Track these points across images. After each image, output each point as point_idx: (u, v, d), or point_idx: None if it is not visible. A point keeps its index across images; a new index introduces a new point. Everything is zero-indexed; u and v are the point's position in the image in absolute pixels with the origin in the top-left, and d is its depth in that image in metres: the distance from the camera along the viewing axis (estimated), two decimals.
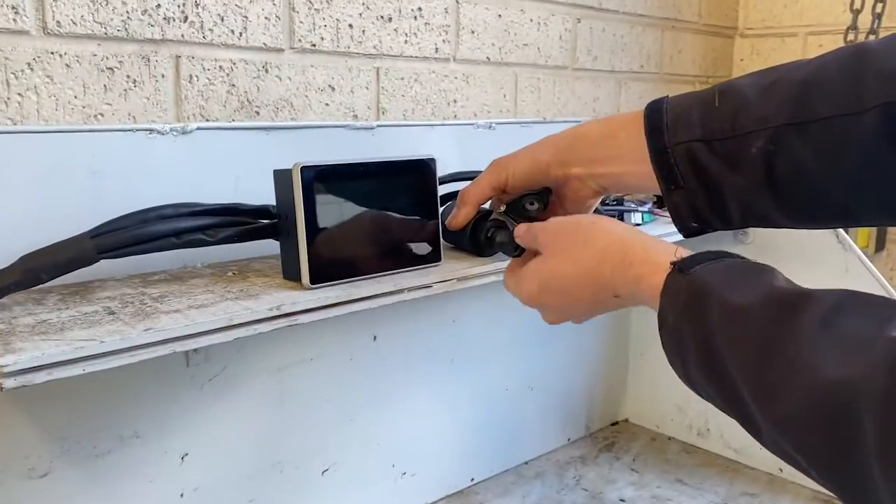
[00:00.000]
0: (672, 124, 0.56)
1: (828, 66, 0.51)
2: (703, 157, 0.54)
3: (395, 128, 0.91)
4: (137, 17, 0.78)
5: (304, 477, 0.90)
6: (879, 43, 0.49)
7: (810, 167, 0.51)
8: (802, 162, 0.51)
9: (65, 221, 0.63)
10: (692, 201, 0.57)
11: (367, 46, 0.98)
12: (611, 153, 0.61)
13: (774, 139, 0.51)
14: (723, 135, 0.54)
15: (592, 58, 1.32)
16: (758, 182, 0.53)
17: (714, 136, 0.54)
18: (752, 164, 0.53)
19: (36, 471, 0.70)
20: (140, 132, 0.72)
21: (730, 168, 0.54)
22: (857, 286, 1.05)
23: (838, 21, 1.49)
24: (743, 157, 0.53)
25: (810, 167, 0.51)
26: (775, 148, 0.51)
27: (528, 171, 0.67)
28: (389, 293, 0.65)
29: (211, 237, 0.64)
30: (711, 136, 0.54)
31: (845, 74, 0.49)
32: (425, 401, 1.01)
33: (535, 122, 1.08)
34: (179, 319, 0.54)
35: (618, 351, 1.30)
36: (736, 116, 0.53)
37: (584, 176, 0.64)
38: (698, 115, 0.55)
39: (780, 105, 0.51)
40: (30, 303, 0.59)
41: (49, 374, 0.48)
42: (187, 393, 0.78)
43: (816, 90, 0.50)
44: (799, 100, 0.51)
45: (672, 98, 0.58)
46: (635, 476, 1.14)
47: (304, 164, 0.62)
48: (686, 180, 0.56)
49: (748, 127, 0.53)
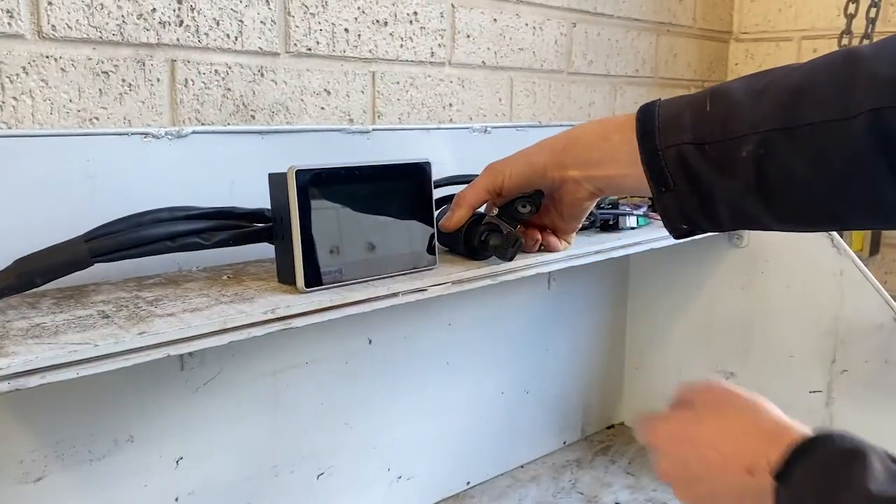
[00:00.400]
0: (663, 127, 0.56)
1: (818, 72, 0.51)
2: (693, 160, 0.55)
3: (390, 132, 0.91)
4: (133, 21, 0.78)
5: (300, 481, 0.89)
6: (870, 48, 0.49)
7: (799, 171, 0.51)
8: (792, 166, 0.51)
9: (60, 225, 0.62)
10: (682, 204, 0.57)
11: (362, 50, 0.98)
12: (605, 155, 0.62)
13: (764, 143, 0.52)
14: (713, 138, 0.54)
15: (588, 62, 1.33)
16: (748, 185, 0.53)
17: (705, 139, 0.54)
18: (742, 168, 0.53)
19: (30, 475, 0.69)
20: (135, 136, 0.72)
21: (720, 171, 0.54)
22: (851, 290, 1.06)
23: (832, 25, 1.50)
24: (733, 160, 0.53)
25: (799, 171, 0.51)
26: (765, 152, 0.52)
27: (525, 175, 0.68)
28: (384, 297, 0.65)
29: (206, 241, 0.64)
30: (702, 139, 0.54)
31: (835, 80, 0.49)
32: (421, 404, 1.01)
33: (530, 126, 1.08)
34: (174, 323, 0.54)
35: (613, 354, 1.30)
36: (727, 120, 0.54)
37: (579, 178, 0.64)
38: (690, 118, 0.55)
39: (771, 110, 0.52)
40: (24, 306, 0.59)
41: (42, 377, 0.48)
42: (182, 397, 0.78)
43: (806, 95, 0.50)
44: (789, 104, 0.51)
45: (664, 101, 0.58)
46: (631, 479, 1.14)
47: (299, 168, 0.62)
48: (676, 183, 0.56)
49: (739, 131, 0.53)
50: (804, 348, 1.08)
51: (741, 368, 1.16)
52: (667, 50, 1.51)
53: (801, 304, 1.08)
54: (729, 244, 1.14)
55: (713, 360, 1.19)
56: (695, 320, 1.21)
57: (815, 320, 1.06)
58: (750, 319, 1.14)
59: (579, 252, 0.80)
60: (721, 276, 1.16)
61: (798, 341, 1.09)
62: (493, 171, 0.70)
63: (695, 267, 1.19)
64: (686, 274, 1.20)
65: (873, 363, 1.02)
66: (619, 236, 0.88)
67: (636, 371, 1.30)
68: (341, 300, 0.63)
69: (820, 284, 1.05)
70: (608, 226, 0.91)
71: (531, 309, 1.13)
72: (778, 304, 1.10)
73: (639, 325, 1.28)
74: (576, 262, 0.80)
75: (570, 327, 1.20)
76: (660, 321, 1.25)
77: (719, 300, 1.17)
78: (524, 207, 0.70)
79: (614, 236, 0.88)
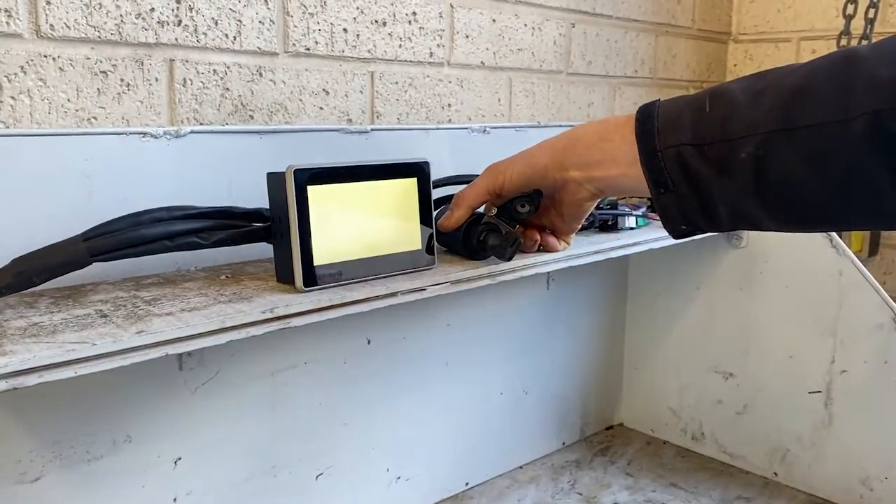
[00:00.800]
0: (662, 127, 0.56)
1: (817, 73, 0.51)
2: (692, 161, 0.55)
3: (389, 132, 0.91)
4: (131, 20, 0.78)
5: (298, 481, 0.89)
6: (870, 49, 0.49)
7: (798, 173, 0.51)
8: (791, 168, 0.51)
9: (57, 224, 0.62)
10: (681, 204, 0.57)
11: (361, 50, 0.98)
12: (606, 156, 0.62)
13: (764, 145, 0.52)
14: (713, 139, 0.54)
15: (587, 62, 1.33)
16: (747, 186, 0.53)
17: (704, 140, 0.54)
18: (741, 169, 0.53)
19: (28, 475, 0.69)
20: (133, 136, 0.71)
21: (719, 172, 0.54)
22: (850, 291, 1.06)
23: (831, 26, 1.50)
24: (732, 161, 0.53)
25: (798, 173, 0.51)
26: (765, 153, 0.52)
27: (525, 175, 0.68)
28: (383, 296, 0.65)
29: (204, 240, 0.64)
30: (702, 140, 0.54)
31: (834, 81, 0.49)
32: (419, 405, 1.01)
33: (529, 126, 1.08)
34: (172, 322, 0.54)
35: (612, 355, 1.30)
36: (726, 121, 0.54)
37: (580, 179, 0.64)
38: (689, 118, 0.55)
39: (770, 111, 0.52)
40: (21, 306, 0.59)
41: (40, 376, 0.47)
42: (180, 397, 0.78)
43: (805, 96, 0.50)
44: (788, 106, 0.51)
45: (664, 101, 0.58)
46: (630, 480, 1.14)
47: (297, 167, 0.61)
48: (675, 183, 0.56)
49: (738, 132, 0.53)
50: (803, 349, 1.08)
51: (740, 369, 1.16)
52: (665, 51, 1.51)
53: (801, 304, 1.08)
54: (728, 245, 1.14)
55: (712, 360, 1.19)
56: (694, 321, 1.20)
57: (814, 321, 1.06)
58: (749, 320, 1.14)
59: (578, 252, 0.80)
60: (720, 277, 1.16)
61: (797, 342, 1.09)
62: (493, 171, 0.70)
63: (694, 267, 1.18)
64: (685, 274, 1.20)
65: (873, 364, 1.02)
66: (618, 236, 0.88)
67: (635, 371, 1.30)
68: (340, 299, 0.63)
69: (819, 285, 1.05)
70: (607, 226, 0.91)
71: (530, 309, 1.13)
72: (777, 304, 1.10)
73: (638, 325, 1.28)
74: (575, 262, 0.80)
75: (569, 328, 1.20)
76: (659, 321, 1.25)
77: (718, 301, 1.17)
78: (523, 207, 0.70)
79: (613, 236, 0.88)
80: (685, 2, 1.53)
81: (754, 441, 1.16)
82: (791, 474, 1.12)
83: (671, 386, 1.25)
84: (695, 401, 1.22)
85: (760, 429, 1.14)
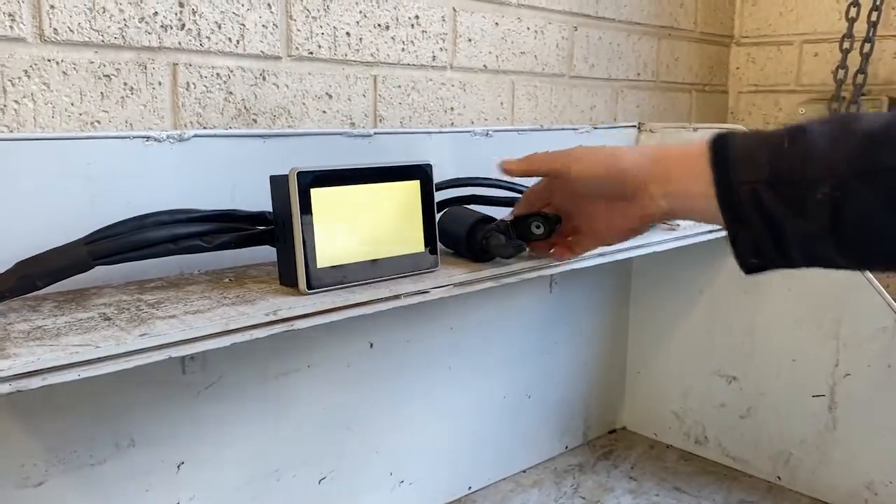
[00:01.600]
0: (738, 162, 0.56)
1: None
2: (767, 199, 0.55)
3: (392, 135, 0.91)
4: (135, 24, 0.78)
5: (302, 485, 0.89)
6: None
7: (877, 215, 0.52)
8: (869, 209, 0.52)
9: (61, 228, 0.62)
10: (755, 240, 0.57)
11: (364, 54, 0.98)
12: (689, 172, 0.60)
13: (841, 186, 0.52)
14: (791, 178, 0.54)
15: (589, 66, 1.33)
16: (822, 227, 0.54)
17: (781, 178, 0.55)
18: (817, 210, 0.53)
19: (31, 479, 0.69)
20: (137, 139, 0.72)
21: (794, 212, 0.54)
22: (854, 294, 1.05)
23: (834, 29, 1.50)
24: (808, 202, 0.54)
25: (877, 215, 0.52)
26: (842, 195, 0.52)
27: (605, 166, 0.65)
28: (386, 298, 0.65)
29: (208, 243, 0.64)
30: (778, 178, 0.55)
31: None
32: (422, 408, 1.01)
33: (532, 129, 1.08)
34: (175, 325, 0.54)
35: (615, 358, 1.29)
36: (805, 161, 0.54)
37: (657, 193, 0.63)
38: (766, 156, 0.56)
39: (849, 154, 0.52)
40: (25, 309, 0.59)
41: (44, 379, 0.47)
42: (183, 401, 0.78)
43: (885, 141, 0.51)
44: (868, 150, 0.52)
45: (737, 134, 0.58)
46: (633, 484, 1.13)
47: (301, 170, 0.62)
48: (750, 219, 0.56)
49: (816, 173, 0.53)
50: (807, 352, 1.08)
51: (743, 372, 1.15)
52: (668, 54, 1.51)
53: (804, 307, 1.07)
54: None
55: (715, 364, 1.19)
56: (697, 324, 1.20)
57: (817, 324, 1.06)
58: (752, 323, 1.14)
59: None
60: (723, 280, 1.16)
61: (800, 345, 1.09)
62: (574, 152, 0.67)
63: (697, 271, 1.18)
64: (688, 277, 1.20)
65: (876, 367, 1.01)
66: None
67: (638, 375, 1.30)
68: (343, 302, 0.63)
69: (822, 288, 1.05)
70: None
71: (533, 312, 1.13)
72: (780, 307, 1.10)
73: (641, 328, 1.28)
74: (578, 264, 0.80)
75: (572, 331, 1.20)
76: (662, 325, 1.25)
77: (721, 304, 1.17)
78: (538, 228, 0.70)
79: None
80: (688, 5, 1.53)
81: (758, 445, 1.15)
82: (795, 478, 1.12)
83: (674, 389, 1.24)
84: (698, 404, 1.21)
85: (764, 433, 1.14)
